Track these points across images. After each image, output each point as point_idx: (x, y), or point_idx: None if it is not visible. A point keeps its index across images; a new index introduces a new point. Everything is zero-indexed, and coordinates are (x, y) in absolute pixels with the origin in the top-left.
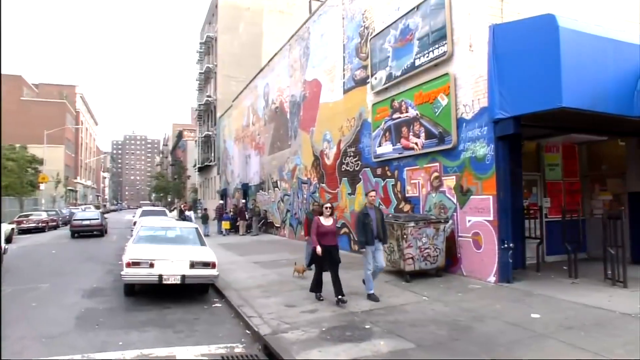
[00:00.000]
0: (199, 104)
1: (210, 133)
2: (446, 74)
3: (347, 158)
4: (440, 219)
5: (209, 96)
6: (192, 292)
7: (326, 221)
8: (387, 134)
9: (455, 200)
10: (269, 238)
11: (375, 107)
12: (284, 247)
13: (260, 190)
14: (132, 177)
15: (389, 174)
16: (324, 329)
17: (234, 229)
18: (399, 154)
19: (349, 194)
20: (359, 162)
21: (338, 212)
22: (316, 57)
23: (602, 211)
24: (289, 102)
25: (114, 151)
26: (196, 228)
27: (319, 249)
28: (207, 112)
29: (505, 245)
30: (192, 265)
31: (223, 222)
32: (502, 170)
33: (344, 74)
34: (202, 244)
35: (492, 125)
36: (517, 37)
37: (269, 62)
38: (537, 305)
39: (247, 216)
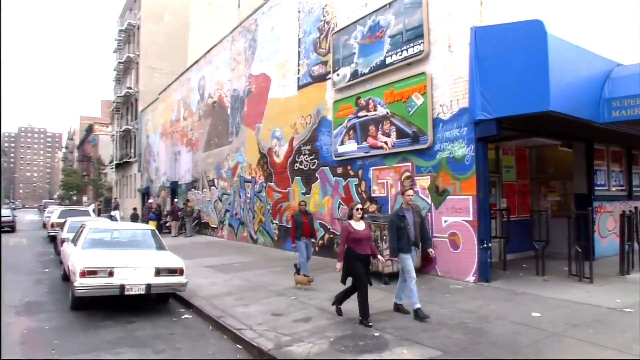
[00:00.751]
0: (117, 96)
1: (130, 127)
2: (422, 74)
3: (302, 156)
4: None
5: (129, 88)
6: (151, 303)
7: (358, 225)
8: (351, 132)
9: (429, 201)
10: (206, 239)
11: (337, 105)
12: (229, 249)
13: (193, 189)
14: (28, 174)
15: (351, 173)
16: (332, 340)
17: (159, 230)
18: (365, 152)
19: (302, 193)
20: (315, 160)
21: (289, 212)
22: (265, 51)
23: (548, 211)
24: (230, 97)
25: (6, 144)
26: (153, 230)
27: (339, 266)
28: (126, 105)
29: (484, 245)
30: (158, 272)
31: (150, 222)
32: (482, 171)
33: (298, 69)
34: (162, 247)
35: (472, 126)
36: (501, 40)
37: (205, 54)
38: (530, 304)
39: (180, 216)
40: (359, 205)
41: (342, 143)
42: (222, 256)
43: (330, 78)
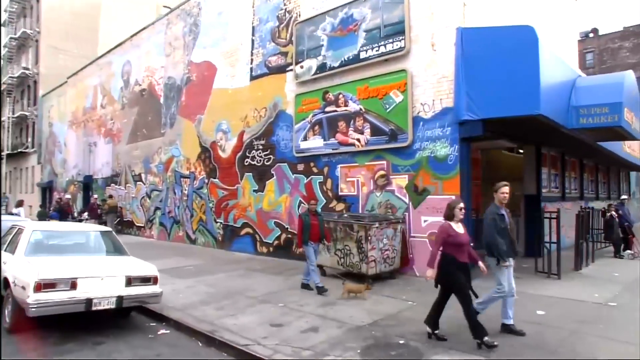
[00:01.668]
0: (10, 77)
1: (27, 113)
2: (403, 71)
3: (254, 151)
4: (399, 219)
5: (25, 69)
6: (110, 317)
7: (459, 228)
8: (316, 127)
9: (407, 200)
10: (133, 240)
11: (299, 98)
12: (169, 251)
13: (114, 184)
14: None
15: (315, 170)
16: (359, 351)
17: None
18: (333, 149)
19: (254, 190)
20: (271, 156)
21: (238, 210)
22: (209, 37)
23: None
24: (164, 85)
25: None
26: (109, 231)
27: (430, 273)
28: (21, 88)
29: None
30: (129, 281)
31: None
32: (465, 171)
33: (251, 59)
34: (123, 251)
35: (456, 126)
36: (490, 43)
37: (132, 36)
38: (525, 302)
39: (99, 213)
40: (462, 204)
41: (305, 139)
42: (165, 259)
43: (291, 70)
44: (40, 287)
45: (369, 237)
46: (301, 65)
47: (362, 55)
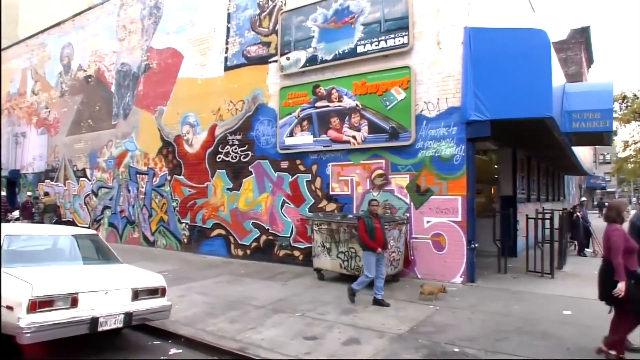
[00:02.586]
0: None
1: None
2: (406, 67)
3: (228, 147)
4: (404, 220)
5: None
6: (100, 339)
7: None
8: (304, 123)
9: (408, 200)
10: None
11: (285, 91)
12: (129, 254)
13: (49, 180)
14: None
15: (301, 168)
16: None
17: None
18: (325, 146)
19: (228, 189)
20: (249, 152)
21: (208, 210)
22: (174, 22)
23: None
24: (117, 72)
25: None
26: (95, 234)
27: (622, 286)
28: None
29: (472, 246)
30: (136, 294)
31: None
32: (471, 171)
33: (226, 48)
34: (116, 258)
35: (463, 127)
36: (500, 44)
37: (75, 16)
38: (542, 302)
39: (33, 212)
40: (629, 206)
41: (291, 134)
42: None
43: (275, 61)
44: (36, 306)
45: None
46: (287, 57)
47: (360, 49)
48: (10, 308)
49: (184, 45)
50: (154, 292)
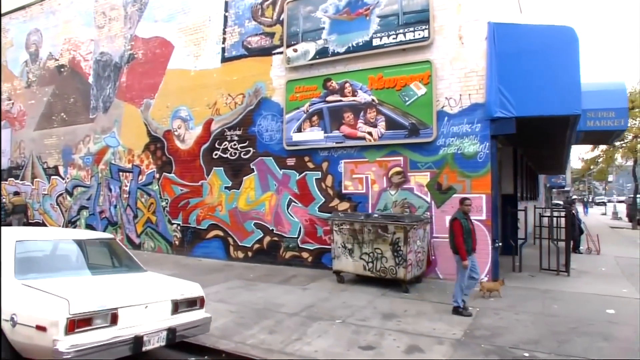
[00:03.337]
0: None
1: None
2: (427, 62)
3: (226, 143)
4: (427, 219)
5: None
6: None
7: None
8: (314, 118)
9: (428, 199)
10: None
11: (292, 85)
12: None
13: (13, 179)
14: None
15: (310, 165)
16: None
17: None
18: (337, 143)
19: (226, 187)
20: (250, 149)
21: (203, 210)
22: (162, 10)
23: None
24: (95, 62)
25: None
26: (113, 238)
27: None
28: None
29: (497, 245)
30: (176, 307)
31: None
32: (494, 169)
33: (224, 38)
34: (139, 265)
35: (487, 123)
36: (526, 40)
37: (41, 0)
38: (578, 300)
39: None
40: None
41: (299, 130)
42: None
43: (280, 53)
44: (74, 325)
45: (408, 239)
46: (294, 49)
47: (376, 42)
48: (41, 329)
49: (174, 35)
50: (192, 304)
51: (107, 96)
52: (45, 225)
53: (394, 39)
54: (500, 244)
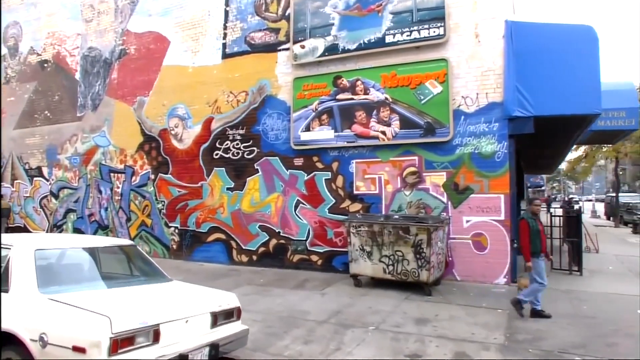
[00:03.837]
0: None
1: None
2: (443, 60)
3: (228, 142)
4: (447, 220)
5: None
6: None
7: None
8: (323, 116)
9: (445, 199)
10: None
11: (299, 82)
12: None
13: None
14: None
15: (319, 165)
16: None
17: None
18: (348, 142)
19: (228, 189)
20: (254, 148)
21: (204, 212)
22: (157, 3)
23: None
24: (83, 57)
25: None
26: (134, 245)
27: None
28: None
29: (515, 245)
30: (215, 319)
31: None
32: (512, 168)
33: (225, 33)
34: (164, 274)
35: (505, 123)
36: (544, 39)
37: None
38: (605, 300)
39: None
40: None
41: (307, 129)
42: None
43: (286, 49)
44: (117, 345)
45: (431, 241)
46: (302, 45)
47: (389, 39)
48: (79, 350)
49: (170, 29)
50: (230, 315)
51: (97, 93)
52: (28, 230)
53: (407, 36)
54: (515, 244)
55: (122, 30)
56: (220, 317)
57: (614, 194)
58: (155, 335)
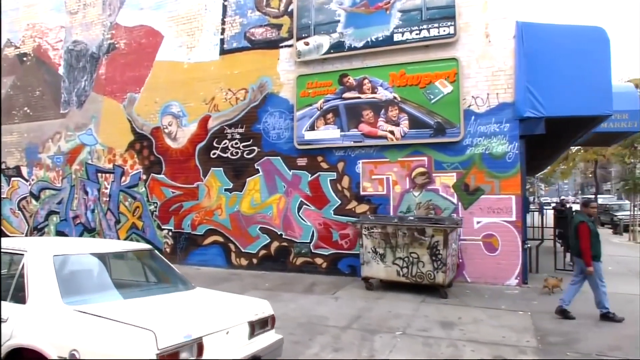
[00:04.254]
0: None
1: None
2: (453, 59)
3: (227, 141)
4: (460, 221)
5: None
6: None
7: None
8: (329, 115)
9: (455, 200)
10: None
11: (303, 80)
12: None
13: None
14: None
15: (324, 166)
16: None
17: None
18: (355, 142)
19: (226, 189)
20: (255, 148)
21: (200, 214)
22: None
23: None
24: (67, 51)
25: None
26: (152, 249)
27: None
28: None
29: (526, 246)
30: (253, 329)
31: None
32: (523, 169)
33: (222, 29)
34: (188, 281)
35: (516, 123)
36: (554, 40)
37: None
38: (622, 301)
39: None
40: None
41: (312, 128)
42: None
43: (289, 46)
44: None
45: (448, 242)
46: (306, 42)
47: (397, 37)
48: None
49: (163, 24)
50: (265, 324)
51: (82, 89)
52: (6, 235)
53: (417, 34)
54: (529, 245)
55: (111, 24)
56: (257, 327)
57: (589, 196)
58: (199, 349)
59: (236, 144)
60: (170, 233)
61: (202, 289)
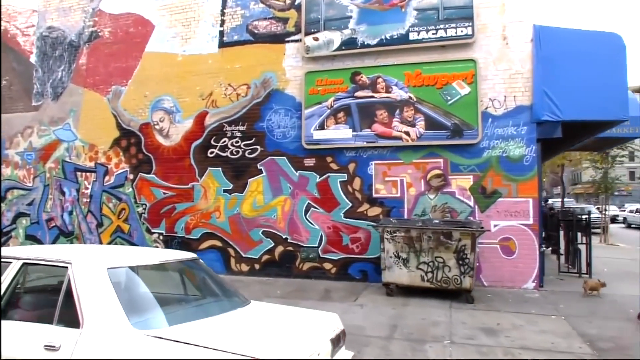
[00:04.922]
0: None
1: None
2: (471, 60)
3: (226, 140)
4: (479, 224)
5: None
6: None
7: None
8: (340, 114)
9: (472, 203)
10: None
11: (312, 77)
12: None
13: None
14: None
15: (334, 167)
16: None
17: None
18: (368, 142)
19: (225, 191)
20: (257, 147)
21: (195, 217)
22: None
23: None
24: (42, 38)
25: None
26: (197, 258)
27: None
28: None
29: (542, 249)
30: (333, 347)
31: None
32: (540, 172)
33: (222, 20)
34: (239, 293)
35: (533, 126)
36: (571, 45)
37: None
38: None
39: None
40: None
41: (321, 127)
42: None
43: (296, 41)
44: None
45: (475, 246)
46: (315, 37)
47: (413, 36)
48: None
49: (154, 12)
50: (339, 340)
51: (59, 80)
52: None
53: (433, 34)
54: (545, 248)
55: (94, 10)
56: (335, 344)
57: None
58: None
59: (237, 142)
60: (161, 237)
61: (258, 303)
